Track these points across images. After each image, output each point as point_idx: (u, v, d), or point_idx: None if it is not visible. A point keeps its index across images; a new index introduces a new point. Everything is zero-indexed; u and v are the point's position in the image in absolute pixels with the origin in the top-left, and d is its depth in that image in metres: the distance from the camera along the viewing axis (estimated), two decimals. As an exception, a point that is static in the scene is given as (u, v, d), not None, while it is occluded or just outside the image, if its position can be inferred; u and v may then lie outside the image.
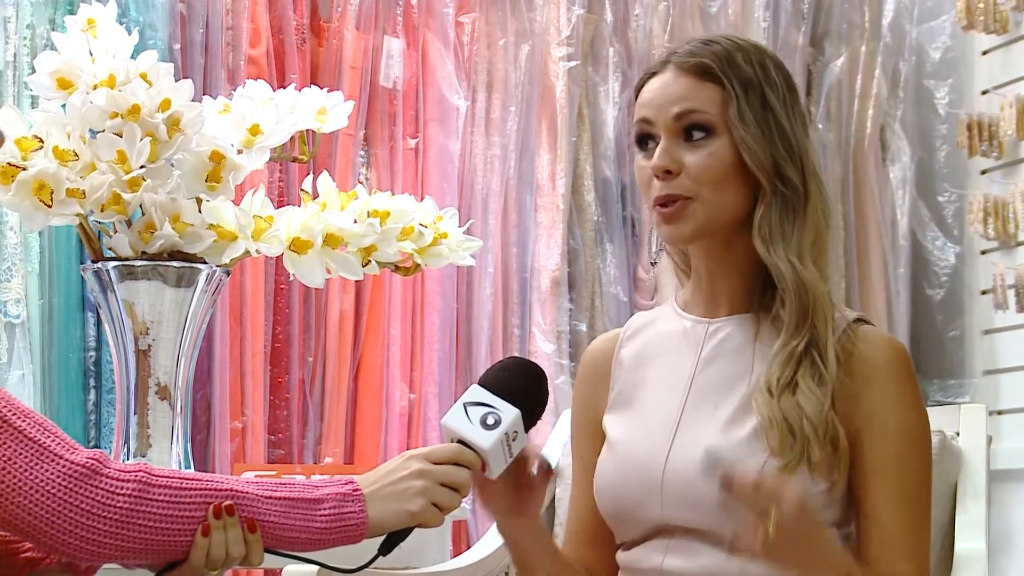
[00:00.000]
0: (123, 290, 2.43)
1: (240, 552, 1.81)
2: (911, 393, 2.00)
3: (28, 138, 2.39)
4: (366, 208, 2.51)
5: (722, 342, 2.06)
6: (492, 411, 1.89)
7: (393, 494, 1.86)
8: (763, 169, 1.99)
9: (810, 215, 2.01)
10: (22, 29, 3.92)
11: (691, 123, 2.01)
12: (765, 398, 1.96)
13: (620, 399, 2.13)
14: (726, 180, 2.00)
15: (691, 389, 2.05)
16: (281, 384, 4.14)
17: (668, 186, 2.01)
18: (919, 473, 1.98)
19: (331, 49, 4.27)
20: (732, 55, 2.02)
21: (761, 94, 2.01)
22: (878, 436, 1.97)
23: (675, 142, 2.01)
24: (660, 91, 2.04)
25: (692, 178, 2.00)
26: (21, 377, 3.82)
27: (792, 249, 2.00)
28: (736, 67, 2.02)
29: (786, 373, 1.97)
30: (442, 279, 4.30)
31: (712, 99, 2.01)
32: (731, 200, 2.01)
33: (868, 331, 2.03)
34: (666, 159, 2.00)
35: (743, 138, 1.99)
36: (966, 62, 4.86)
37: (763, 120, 2.00)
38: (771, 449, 1.94)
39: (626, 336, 2.17)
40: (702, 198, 2.00)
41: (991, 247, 4.66)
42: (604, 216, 4.52)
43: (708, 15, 4.68)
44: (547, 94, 4.51)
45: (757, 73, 2.02)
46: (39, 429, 1.78)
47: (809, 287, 1.99)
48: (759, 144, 1.99)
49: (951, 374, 4.77)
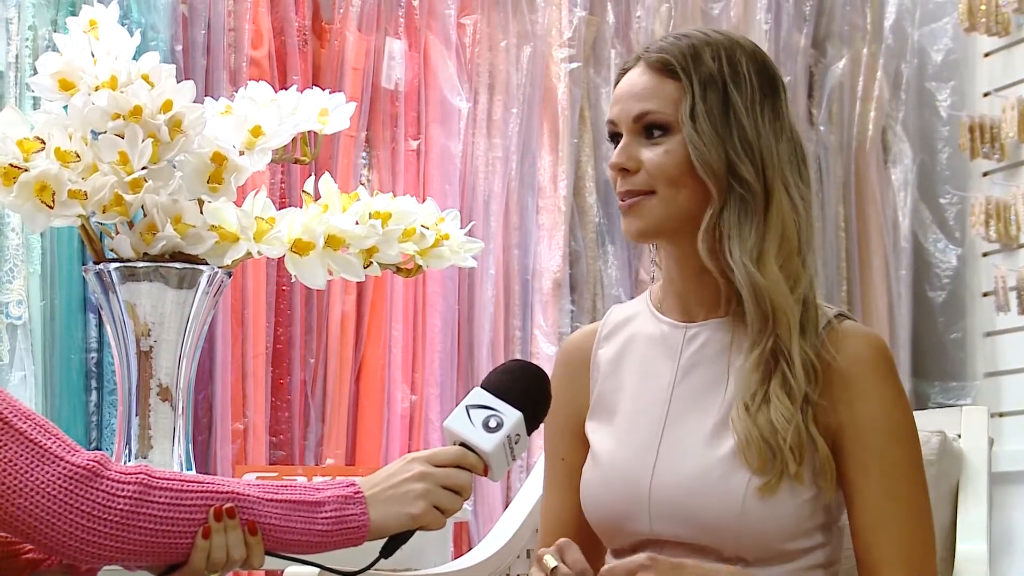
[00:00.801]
0: (125, 291, 2.43)
1: (241, 554, 1.81)
2: (893, 388, 1.97)
3: (30, 139, 2.39)
4: (368, 209, 2.51)
5: (700, 349, 2.04)
6: (494, 414, 1.89)
7: (395, 497, 1.86)
8: (711, 169, 1.97)
9: (773, 216, 1.97)
10: (24, 30, 3.92)
11: (649, 123, 2.00)
12: (741, 416, 1.94)
13: (601, 405, 2.11)
14: (682, 178, 1.98)
15: (672, 400, 2.03)
16: (283, 385, 4.14)
17: (626, 182, 2.01)
18: (907, 471, 1.96)
19: (333, 50, 4.27)
20: (699, 51, 2.00)
21: (723, 91, 1.99)
22: (862, 433, 1.95)
23: (636, 140, 2.01)
24: (626, 90, 2.03)
25: (649, 174, 1.99)
26: (23, 378, 3.82)
27: (748, 252, 1.96)
28: (700, 63, 1.99)
29: (759, 387, 1.95)
30: (444, 281, 4.30)
31: (670, 97, 1.99)
32: (688, 199, 1.99)
33: (848, 327, 2.00)
34: (622, 156, 2.01)
35: (691, 136, 1.97)
36: (968, 64, 4.86)
37: (720, 118, 1.98)
38: (751, 468, 1.93)
39: (603, 335, 2.15)
40: (659, 195, 1.99)
41: (993, 249, 4.66)
42: (606, 218, 4.52)
43: (710, 17, 4.68)
44: (549, 96, 4.51)
45: (723, 70, 1.99)
46: (40, 431, 1.78)
47: (765, 291, 1.96)
48: (710, 143, 1.97)
49: (952, 376, 4.77)
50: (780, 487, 1.92)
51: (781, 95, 2.04)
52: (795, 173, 2.01)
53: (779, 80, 2.05)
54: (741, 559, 1.95)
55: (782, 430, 1.91)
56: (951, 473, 2.24)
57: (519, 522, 2.40)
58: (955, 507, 2.23)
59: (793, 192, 2.00)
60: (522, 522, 2.40)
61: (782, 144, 2.01)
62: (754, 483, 1.92)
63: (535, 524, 2.41)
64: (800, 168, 2.02)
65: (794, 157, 2.02)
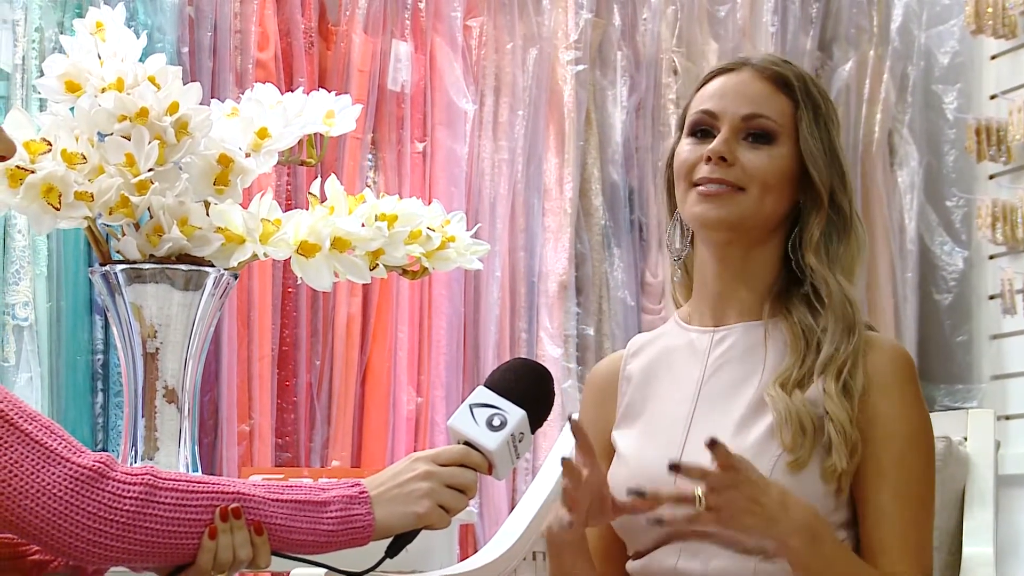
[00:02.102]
0: (131, 293, 2.43)
1: (247, 555, 1.81)
2: (914, 398, 2.03)
3: (36, 141, 2.39)
4: (374, 212, 2.51)
5: (729, 349, 2.08)
6: (498, 412, 1.89)
7: (400, 496, 1.86)
8: (824, 184, 2.07)
9: (852, 240, 2.09)
10: (30, 32, 3.92)
11: (758, 127, 2.08)
12: (779, 393, 2.00)
13: (629, 413, 2.14)
14: (778, 185, 2.06)
15: (699, 397, 2.07)
16: (288, 387, 4.14)
17: (720, 171, 2.06)
18: (921, 476, 2.00)
19: (339, 53, 4.27)
20: (807, 80, 2.11)
21: (825, 120, 2.09)
22: (881, 440, 1.99)
23: (736, 138, 2.07)
24: (733, 88, 2.10)
25: (747, 172, 2.06)
26: (29, 380, 3.83)
27: (839, 269, 2.07)
28: (809, 90, 2.10)
29: (795, 371, 2.01)
30: (449, 283, 4.30)
31: (783, 110, 2.08)
32: (773, 206, 2.06)
33: (873, 338, 2.06)
34: (725, 148, 2.06)
35: (811, 150, 2.07)
36: (974, 67, 4.86)
37: (826, 143, 2.08)
38: (784, 444, 1.97)
39: (630, 353, 2.20)
40: (750, 193, 2.06)
41: (999, 252, 4.65)
42: (611, 220, 4.52)
43: (716, 19, 4.68)
44: (555, 98, 4.51)
45: (822, 102, 2.10)
46: (46, 432, 1.78)
47: (854, 306, 2.05)
48: (821, 159, 2.07)
49: (959, 379, 4.77)
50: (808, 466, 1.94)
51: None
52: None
53: None
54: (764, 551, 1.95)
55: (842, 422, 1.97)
56: (957, 476, 2.24)
57: (525, 524, 2.40)
58: (961, 510, 2.23)
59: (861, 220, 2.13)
60: (528, 524, 2.40)
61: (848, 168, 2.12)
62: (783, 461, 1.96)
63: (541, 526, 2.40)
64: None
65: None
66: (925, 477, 2.01)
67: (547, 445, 4.18)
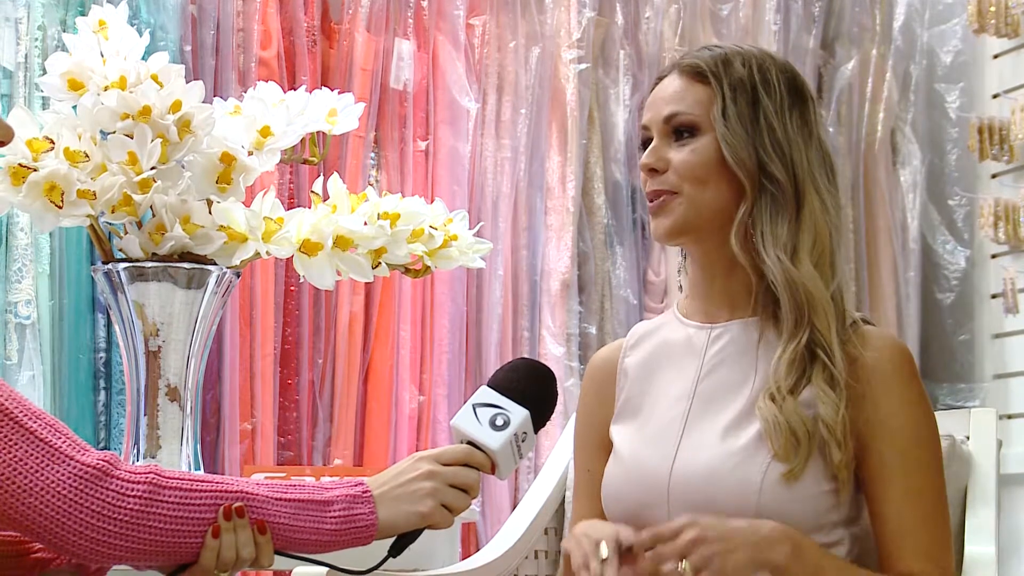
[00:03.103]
0: (133, 291, 2.43)
1: (250, 554, 1.81)
2: (916, 392, 2.01)
3: (39, 139, 2.39)
4: (376, 210, 2.51)
5: (724, 347, 2.07)
6: (501, 412, 1.90)
7: (403, 495, 1.86)
8: (743, 165, 2.02)
9: (805, 216, 2.03)
10: (33, 30, 3.92)
11: (678, 124, 2.07)
12: (768, 404, 1.98)
13: (626, 408, 2.14)
14: (708, 177, 2.04)
15: (695, 396, 2.06)
16: (291, 386, 4.14)
17: (654, 182, 2.07)
18: (928, 471, 1.99)
19: (342, 51, 4.27)
20: (730, 59, 2.07)
21: (752, 95, 2.05)
22: (885, 436, 1.98)
23: (665, 142, 2.08)
24: (658, 94, 2.11)
25: (676, 174, 2.05)
26: (31, 378, 3.83)
27: (782, 247, 2.01)
28: (730, 69, 2.06)
29: (788, 379, 1.98)
30: (452, 281, 4.30)
31: (699, 100, 2.06)
32: (714, 198, 2.04)
33: (871, 332, 2.05)
34: (652, 157, 2.07)
35: (724, 134, 2.03)
36: (977, 66, 4.86)
37: (750, 119, 2.04)
38: (775, 454, 1.95)
39: (629, 345, 2.19)
40: (685, 193, 2.05)
41: (1001, 251, 4.65)
42: (614, 219, 4.52)
43: (719, 18, 4.68)
44: (557, 97, 4.51)
45: (753, 76, 2.06)
46: (50, 430, 1.78)
47: (800, 285, 2.00)
48: (741, 141, 2.03)
49: (961, 378, 4.77)
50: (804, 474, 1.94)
51: (810, 106, 2.10)
52: (824, 179, 2.07)
53: (808, 92, 2.11)
54: None
55: (827, 418, 1.95)
56: (959, 475, 2.25)
57: (527, 523, 2.40)
58: (963, 509, 2.23)
59: (824, 195, 2.06)
60: (530, 523, 2.40)
61: (811, 150, 2.06)
62: (774, 470, 1.95)
63: (543, 525, 2.41)
64: (829, 177, 2.08)
65: (823, 166, 2.08)
66: (933, 472, 1.99)
67: (549, 444, 4.18)
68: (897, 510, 1.97)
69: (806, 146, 2.05)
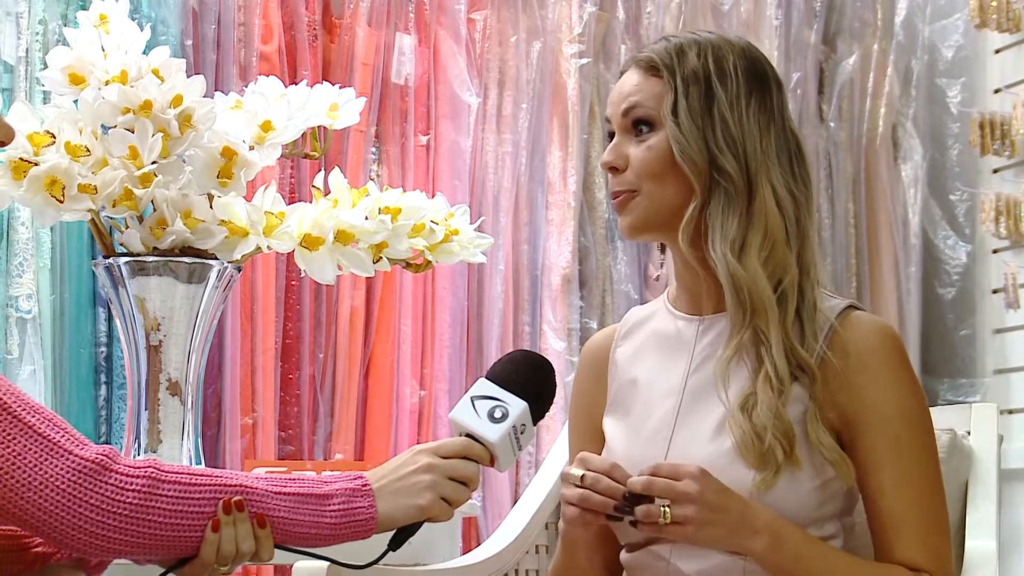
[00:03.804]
0: (134, 286, 2.43)
1: (250, 548, 1.81)
2: (905, 377, 1.99)
3: (40, 133, 2.39)
4: (377, 205, 2.51)
5: (713, 341, 2.06)
6: (499, 404, 1.90)
7: (402, 489, 1.86)
8: (692, 162, 2.00)
9: (756, 210, 2.00)
10: (34, 24, 3.92)
11: (635, 118, 2.05)
12: (737, 418, 1.97)
13: (618, 401, 2.13)
14: (664, 173, 2.03)
15: (685, 393, 2.05)
16: (292, 380, 4.14)
17: (615, 181, 2.07)
18: (920, 454, 1.97)
19: (343, 45, 4.27)
20: (685, 50, 2.05)
21: (706, 87, 2.02)
22: (875, 423, 1.97)
23: (626, 137, 2.07)
24: (618, 89, 2.09)
25: (635, 172, 2.04)
26: (32, 372, 3.83)
27: (730, 244, 1.99)
28: (684, 61, 2.04)
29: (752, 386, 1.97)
30: (453, 276, 4.30)
31: (654, 93, 2.04)
32: (673, 194, 2.03)
33: (858, 317, 2.02)
34: (611, 155, 2.07)
35: (672, 131, 2.01)
36: (979, 60, 4.86)
37: (702, 112, 2.01)
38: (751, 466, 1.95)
39: (621, 334, 2.18)
40: (644, 191, 2.04)
41: (1002, 246, 4.65)
42: (615, 214, 4.51)
43: (720, 12, 4.68)
44: (559, 91, 4.51)
45: (708, 66, 2.03)
46: (49, 425, 1.78)
47: (744, 282, 1.98)
48: (691, 137, 2.00)
49: (962, 373, 4.77)
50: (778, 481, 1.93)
51: (771, 91, 2.06)
52: (784, 167, 2.03)
53: (770, 77, 2.07)
54: None
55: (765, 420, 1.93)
56: (960, 470, 2.24)
57: (528, 517, 2.40)
58: (964, 504, 2.23)
59: (779, 185, 2.02)
60: (531, 518, 2.40)
61: (769, 139, 2.03)
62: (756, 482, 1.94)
63: (544, 520, 2.41)
64: (793, 163, 2.04)
65: (784, 152, 2.04)
66: (926, 456, 1.98)
67: (550, 439, 4.18)
68: (889, 496, 1.95)
69: (762, 136, 2.02)
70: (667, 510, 1.89)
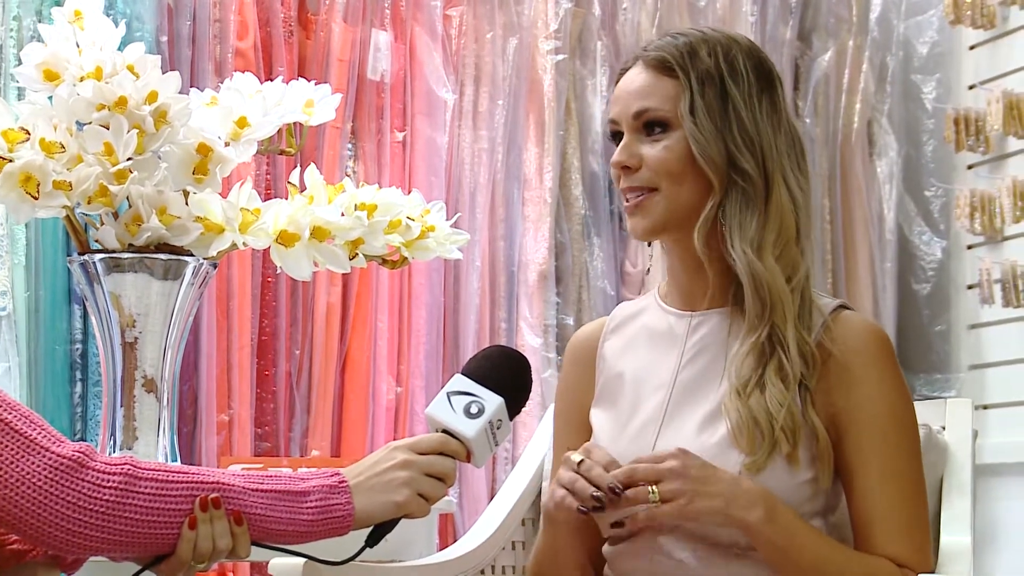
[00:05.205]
0: (110, 282, 2.42)
1: (227, 545, 1.81)
2: (894, 377, 2.02)
3: (14, 130, 2.38)
4: (353, 201, 2.51)
5: (704, 337, 2.07)
6: (475, 400, 1.90)
7: (379, 485, 1.86)
8: (712, 162, 2.01)
9: (773, 207, 2.02)
10: (8, 20, 3.91)
11: (648, 120, 2.05)
12: (734, 402, 1.98)
13: (606, 393, 2.14)
14: (683, 173, 2.03)
15: (674, 387, 2.06)
16: (268, 377, 4.14)
17: (630, 179, 2.06)
18: (906, 454, 2.00)
19: (319, 42, 4.27)
20: (696, 48, 2.05)
21: (720, 86, 2.03)
22: (863, 421, 1.99)
23: (637, 138, 2.06)
24: (625, 87, 2.08)
25: (652, 171, 2.04)
26: (7, 370, 3.81)
27: (749, 241, 2.01)
28: (697, 60, 2.04)
29: (752, 373, 1.99)
30: (429, 273, 4.30)
31: (668, 94, 2.04)
32: (690, 193, 2.04)
33: (849, 317, 2.04)
34: (624, 155, 2.06)
35: (692, 131, 2.01)
36: (953, 57, 4.87)
37: (720, 112, 2.02)
38: (743, 451, 1.95)
39: (610, 329, 2.19)
40: (663, 191, 2.04)
41: (977, 242, 4.67)
42: (591, 210, 4.52)
43: (696, 9, 4.68)
44: (535, 88, 4.51)
45: (720, 66, 2.04)
46: (25, 421, 1.78)
47: (764, 280, 2.00)
48: (710, 137, 2.01)
49: (937, 368, 4.78)
50: (768, 466, 1.94)
51: (778, 89, 2.08)
52: (793, 164, 2.06)
53: (775, 75, 2.09)
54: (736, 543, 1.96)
55: (775, 413, 1.95)
56: (936, 465, 2.25)
57: (504, 513, 2.40)
58: (939, 499, 2.23)
59: (792, 183, 2.04)
60: (507, 513, 2.40)
61: (780, 136, 2.05)
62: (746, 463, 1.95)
63: (521, 515, 2.41)
64: (798, 160, 2.07)
65: (792, 149, 2.07)
66: (911, 456, 2.00)
67: (527, 435, 4.18)
68: (874, 494, 1.97)
69: (775, 133, 2.04)
70: (655, 489, 1.89)
